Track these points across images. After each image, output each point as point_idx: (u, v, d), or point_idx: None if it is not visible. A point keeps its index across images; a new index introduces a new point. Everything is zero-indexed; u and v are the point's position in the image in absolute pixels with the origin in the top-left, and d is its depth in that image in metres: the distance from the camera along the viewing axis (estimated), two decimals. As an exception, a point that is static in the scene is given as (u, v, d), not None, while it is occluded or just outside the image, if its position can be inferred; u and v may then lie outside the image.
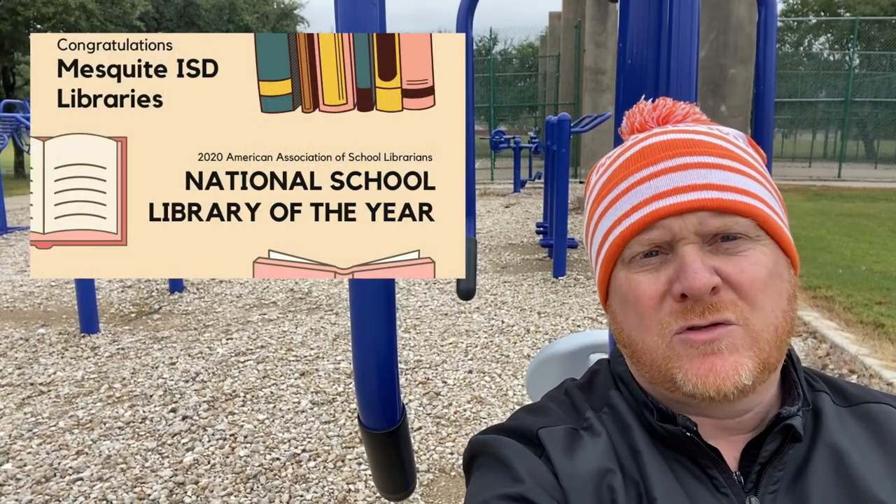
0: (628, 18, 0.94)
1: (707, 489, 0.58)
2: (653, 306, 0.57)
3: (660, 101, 0.68)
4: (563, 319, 4.69)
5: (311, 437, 2.91)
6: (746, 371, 0.55)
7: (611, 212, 0.62)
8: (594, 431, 0.63)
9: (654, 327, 0.58)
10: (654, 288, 0.57)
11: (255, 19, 26.18)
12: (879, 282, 5.54)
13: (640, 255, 0.59)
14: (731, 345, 0.55)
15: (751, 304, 0.55)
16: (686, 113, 0.67)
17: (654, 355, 0.58)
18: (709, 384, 0.55)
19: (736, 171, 0.59)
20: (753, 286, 0.55)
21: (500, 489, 0.59)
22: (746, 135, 0.66)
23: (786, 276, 0.59)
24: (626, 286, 0.60)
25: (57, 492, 2.48)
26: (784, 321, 0.57)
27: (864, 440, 0.61)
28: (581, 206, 11.20)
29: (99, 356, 4.00)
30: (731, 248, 0.57)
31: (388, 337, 0.84)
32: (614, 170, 0.64)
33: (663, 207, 0.57)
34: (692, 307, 0.55)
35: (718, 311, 0.55)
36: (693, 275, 0.54)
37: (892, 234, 8.33)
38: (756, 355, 0.55)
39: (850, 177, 17.08)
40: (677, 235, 0.57)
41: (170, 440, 2.89)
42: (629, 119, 0.68)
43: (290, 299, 5.35)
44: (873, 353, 3.74)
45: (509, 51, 36.82)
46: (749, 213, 0.57)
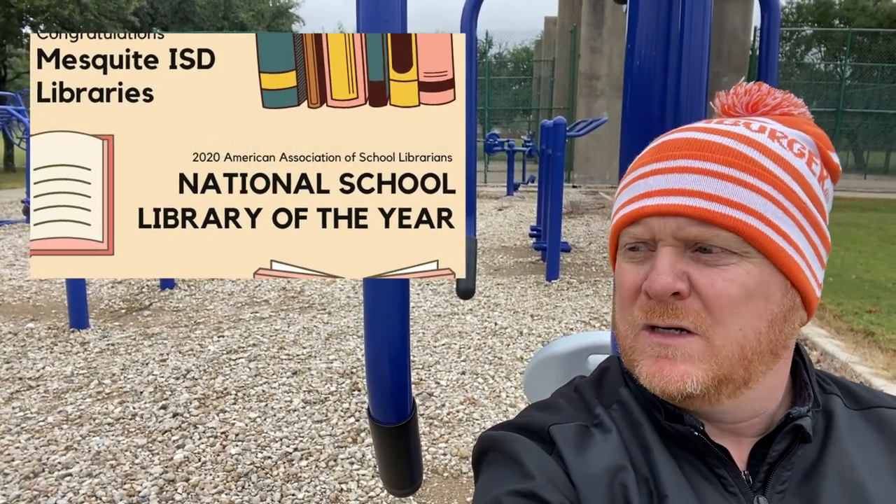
0: (637, 18, 0.93)
1: (715, 488, 0.58)
2: (630, 297, 0.59)
3: (753, 87, 0.65)
4: (556, 322, 4.69)
5: (303, 436, 2.90)
6: (693, 381, 0.55)
7: (621, 196, 0.64)
8: (605, 428, 0.62)
9: (628, 318, 0.60)
10: (633, 280, 0.59)
11: (250, 17, 26.10)
12: (869, 290, 5.59)
13: (630, 245, 0.61)
14: (685, 354, 0.56)
15: (714, 318, 0.55)
16: (778, 103, 0.64)
17: (623, 342, 0.61)
18: (654, 384, 0.57)
19: (739, 183, 0.55)
20: (719, 301, 0.55)
21: (510, 485, 0.58)
22: (822, 146, 0.62)
23: (775, 297, 0.56)
24: (618, 273, 0.62)
25: (45, 487, 2.46)
26: (755, 342, 0.56)
27: (875, 444, 0.61)
28: (573, 211, 11.23)
29: (88, 352, 3.97)
30: (710, 260, 0.55)
31: (401, 330, 0.83)
32: (641, 156, 0.64)
33: (647, 207, 0.58)
34: (654, 307, 0.57)
35: (678, 316, 0.55)
36: (656, 276, 0.55)
37: (881, 243, 8.40)
38: (710, 369, 0.55)
39: (841, 187, 17.21)
40: (657, 236, 0.58)
41: (160, 437, 2.87)
42: (720, 99, 0.66)
43: (282, 298, 5.33)
44: (863, 360, 3.76)
45: (504, 54, 36.89)
46: (732, 228, 0.54)
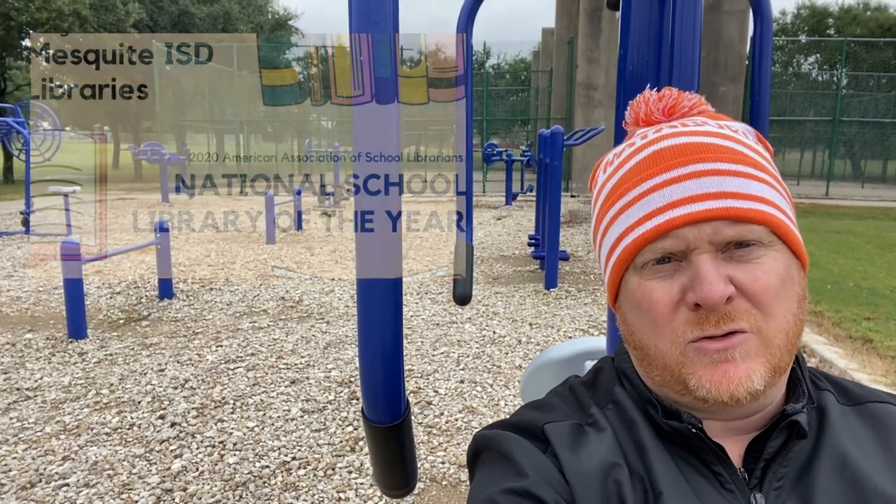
0: (629, 24, 0.94)
1: (712, 485, 0.58)
2: (666, 315, 0.57)
3: (665, 92, 0.66)
4: (555, 331, 4.69)
5: (301, 445, 2.89)
6: (758, 377, 0.55)
7: (622, 217, 0.61)
8: (599, 427, 0.62)
9: (668, 335, 0.57)
10: (668, 296, 0.57)
11: (249, 29, 26.25)
12: (867, 297, 5.59)
13: (652, 261, 0.58)
14: (744, 352, 0.55)
15: (764, 312, 0.56)
16: (693, 104, 0.65)
17: (666, 360, 0.58)
18: (722, 390, 0.55)
19: (750, 178, 0.58)
20: (766, 294, 0.55)
21: (504, 484, 0.58)
22: (755, 130, 0.65)
23: (796, 278, 0.59)
24: (640, 293, 0.59)
25: (42, 497, 2.44)
26: (794, 324, 0.58)
27: (868, 439, 0.61)
28: (572, 220, 11.24)
29: (87, 362, 3.96)
30: (744, 256, 0.56)
31: (394, 330, 0.83)
32: (625, 173, 0.62)
33: (678, 217, 0.56)
34: (707, 317, 0.55)
35: (733, 320, 0.55)
36: (709, 286, 0.54)
37: (879, 251, 8.41)
38: (768, 361, 0.56)
39: (838, 195, 17.27)
40: (691, 245, 0.56)
41: (158, 447, 2.86)
42: (633, 109, 0.67)
43: (280, 307, 5.32)
44: (862, 367, 3.76)
45: (502, 65, 37.06)
46: (763, 221, 0.56)
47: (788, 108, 23.11)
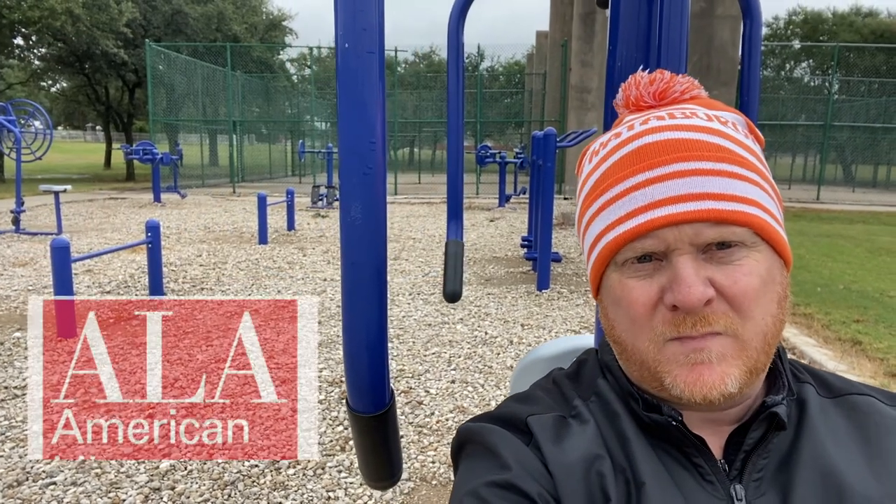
0: (618, 22, 0.95)
1: (693, 477, 0.58)
2: (645, 314, 0.57)
3: (657, 75, 0.65)
4: (546, 332, 4.69)
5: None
6: (733, 380, 0.55)
7: (604, 214, 0.60)
8: (582, 419, 0.62)
9: (646, 333, 0.57)
10: (647, 295, 0.57)
11: (243, 29, 26.15)
12: (857, 300, 5.63)
13: (632, 259, 0.58)
14: (719, 354, 0.55)
15: (742, 315, 0.55)
16: (685, 89, 0.64)
17: (644, 357, 0.58)
18: (696, 391, 0.55)
19: (735, 177, 0.57)
20: (746, 298, 0.55)
21: (487, 476, 0.58)
22: (747, 119, 0.63)
23: (778, 279, 0.58)
24: (619, 289, 0.59)
25: (29, 496, 2.43)
26: (773, 326, 0.57)
27: (847, 431, 0.61)
28: (565, 222, 11.25)
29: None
30: (725, 257, 0.55)
31: (379, 318, 0.83)
32: (609, 167, 0.61)
33: (659, 218, 0.55)
34: (684, 319, 0.55)
35: (710, 323, 0.55)
36: (687, 289, 0.54)
37: (869, 254, 8.47)
38: (744, 363, 0.56)
39: (829, 199, 17.37)
40: (672, 245, 0.55)
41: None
42: (625, 91, 0.66)
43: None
44: (851, 369, 3.79)
45: (496, 68, 37.13)
46: (746, 223, 0.55)
47: (780, 113, 23.25)
